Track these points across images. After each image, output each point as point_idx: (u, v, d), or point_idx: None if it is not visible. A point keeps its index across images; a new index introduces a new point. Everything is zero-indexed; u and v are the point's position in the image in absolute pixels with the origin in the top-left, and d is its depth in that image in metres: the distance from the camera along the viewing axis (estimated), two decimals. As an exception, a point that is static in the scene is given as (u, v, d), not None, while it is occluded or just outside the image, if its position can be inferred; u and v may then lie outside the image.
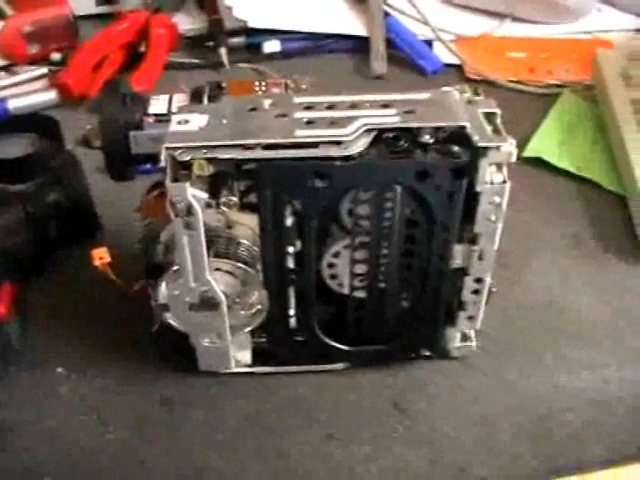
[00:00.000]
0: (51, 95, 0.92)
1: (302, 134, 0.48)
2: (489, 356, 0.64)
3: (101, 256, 0.57)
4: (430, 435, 0.59)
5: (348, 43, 1.04)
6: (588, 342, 0.66)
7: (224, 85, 0.56)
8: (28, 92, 0.93)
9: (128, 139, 0.55)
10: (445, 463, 0.57)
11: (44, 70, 0.96)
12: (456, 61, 1.01)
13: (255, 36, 1.01)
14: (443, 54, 1.02)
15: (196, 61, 1.00)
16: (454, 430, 0.59)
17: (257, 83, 0.58)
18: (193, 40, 1.02)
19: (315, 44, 1.02)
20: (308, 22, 1.03)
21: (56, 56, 0.97)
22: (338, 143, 0.48)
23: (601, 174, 0.84)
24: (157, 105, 0.56)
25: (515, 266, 0.72)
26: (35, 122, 0.88)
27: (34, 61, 0.97)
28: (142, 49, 0.98)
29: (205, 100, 0.55)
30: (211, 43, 1.00)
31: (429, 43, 1.03)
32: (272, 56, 1.00)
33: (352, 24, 1.04)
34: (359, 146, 0.48)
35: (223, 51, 0.98)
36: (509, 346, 0.65)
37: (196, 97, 0.56)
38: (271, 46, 1.00)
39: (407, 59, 1.01)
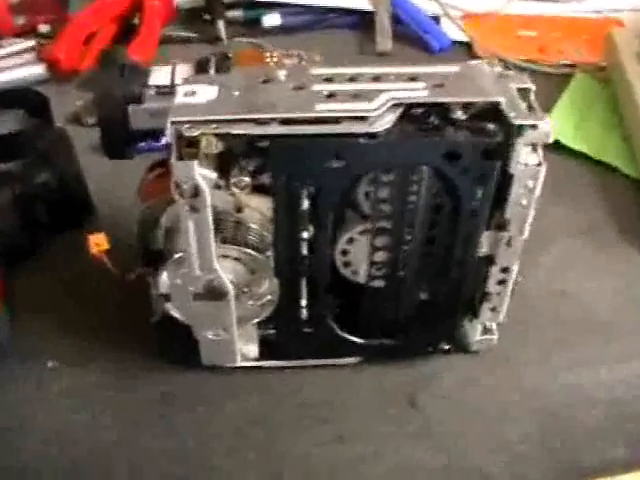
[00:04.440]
0: (39, 69, 0.87)
1: (323, 108, 0.44)
2: (505, 349, 0.60)
3: (98, 242, 0.52)
4: (443, 433, 0.56)
5: (351, 18, 0.99)
6: (604, 335, 0.63)
7: (231, 56, 0.52)
8: (14, 66, 0.88)
9: (127, 113, 0.50)
10: (458, 463, 0.54)
11: (31, 43, 0.91)
12: (464, 38, 0.97)
13: (254, 9, 0.96)
14: (450, 31, 0.98)
15: (192, 35, 0.95)
16: (468, 428, 0.56)
17: (267, 54, 0.53)
18: (189, 13, 0.98)
19: (317, 18, 0.98)
20: (310, -5, 0.99)
21: (44, 28, 0.92)
22: (362, 119, 0.44)
23: (617, 157, 0.80)
24: (159, 77, 0.51)
25: (529, 253, 0.68)
26: (22, 98, 0.83)
27: (21, 33, 0.93)
28: (135, 22, 0.93)
29: (212, 71, 0.50)
30: (208, 16, 0.95)
31: (436, 19, 0.99)
32: (272, 31, 0.95)
33: (356, -2, 1.00)
34: (386, 122, 0.44)
35: (221, 25, 0.94)
36: (525, 339, 0.62)
37: (201, 68, 0.51)
38: (271, 20, 0.95)
39: (413, 35, 0.97)
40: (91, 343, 0.60)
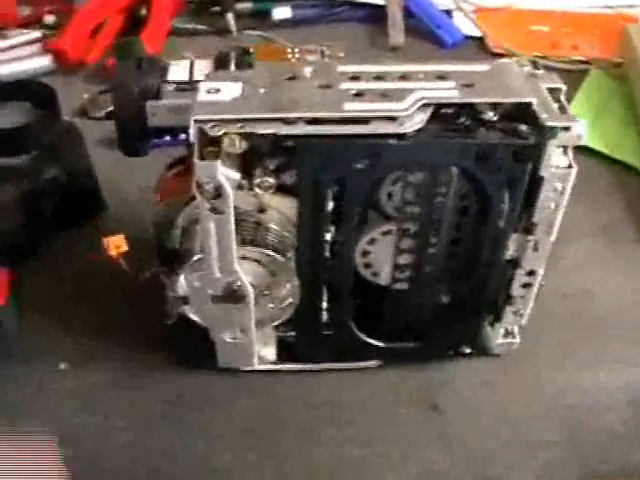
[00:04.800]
0: (45, 61, 0.85)
1: (351, 108, 0.42)
2: (526, 351, 0.59)
3: (117, 244, 0.50)
4: (464, 438, 0.54)
5: (361, 11, 0.97)
6: (626, 336, 0.61)
7: (251, 51, 0.50)
8: (20, 58, 0.86)
9: (144, 109, 0.48)
10: (480, 469, 0.53)
11: (37, 34, 0.89)
12: (476, 33, 0.95)
13: (263, 1, 0.94)
14: (463, 25, 0.96)
15: (201, 27, 0.93)
16: (488, 432, 0.55)
17: (289, 50, 0.51)
18: (197, 4, 0.96)
19: (327, 11, 0.96)
20: (320, -12, 0.97)
21: (50, 19, 0.90)
22: (392, 119, 0.42)
23: (634, 155, 0.79)
24: (177, 71, 0.49)
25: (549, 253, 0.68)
26: (28, 90, 0.81)
27: (26, 24, 0.90)
28: (143, 13, 0.91)
29: (232, 67, 0.49)
30: (217, 8, 0.93)
31: (448, 13, 0.97)
32: (282, 23, 0.93)
33: (367, -9, 0.98)
34: (416, 123, 0.42)
35: (230, 17, 0.92)
36: (545, 339, 0.60)
37: (221, 63, 0.49)
38: (281, 12, 0.93)
39: (425, 30, 0.95)
40: (96, 343, 0.59)
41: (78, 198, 0.66)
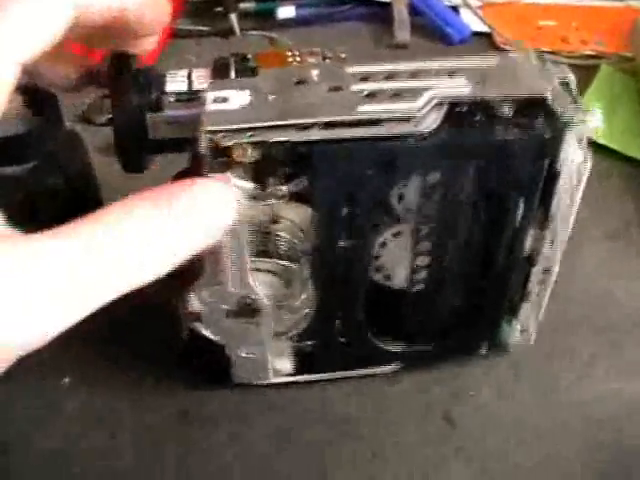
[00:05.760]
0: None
1: (365, 109, 0.41)
2: (542, 358, 0.58)
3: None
4: (481, 451, 0.53)
5: (366, 9, 0.95)
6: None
7: (249, 57, 0.48)
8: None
9: (145, 123, 0.46)
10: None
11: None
12: (484, 29, 0.93)
13: (267, 1, 0.92)
14: (470, 21, 0.94)
15: (203, 28, 0.91)
16: (508, 445, 0.53)
17: (289, 53, 0.50)
18: (199, 5, 0.93)
19: (331, 10, 0.94)
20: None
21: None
22: (407, 119, 0.41)
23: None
24: (175, 82, 0.47)
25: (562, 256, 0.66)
26: (29, 95, 0.80)
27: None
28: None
29: (232, 74, 0.47)
30: (220, 8, 0.91)
31: (455, 9, 0.95)
32: (286, 23, 0.91)
33: (371, -11, 0.96)
34: (432, 122, 0.41)
35: (233, 18, 0.90)
36: (562, 346, 0.59)
37: (220, 71, 0.47)
38: (286, 12, 0.91)
39: (430, 26, 0.93)
40: (101, 356, 0.57)
41: (79, 207, 0.64)
